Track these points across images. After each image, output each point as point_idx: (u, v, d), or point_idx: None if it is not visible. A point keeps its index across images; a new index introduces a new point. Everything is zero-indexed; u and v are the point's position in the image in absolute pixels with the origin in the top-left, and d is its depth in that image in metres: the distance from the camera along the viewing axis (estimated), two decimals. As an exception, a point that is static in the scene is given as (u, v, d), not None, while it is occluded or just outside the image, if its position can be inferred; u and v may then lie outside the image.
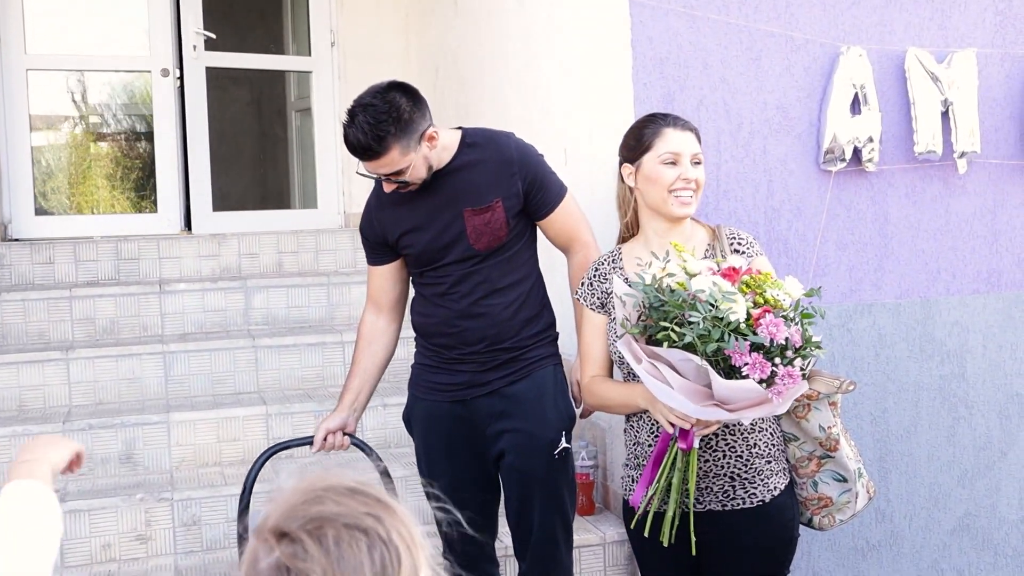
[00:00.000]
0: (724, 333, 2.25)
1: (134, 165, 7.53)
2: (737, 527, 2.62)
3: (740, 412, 2.36)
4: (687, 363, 2.32)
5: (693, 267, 2.38)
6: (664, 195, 2.63)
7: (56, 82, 6.71)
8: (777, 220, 3.57)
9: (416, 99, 2.77)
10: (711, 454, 2.60)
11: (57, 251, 4.68)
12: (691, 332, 2.26)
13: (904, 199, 3.71)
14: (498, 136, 2.95)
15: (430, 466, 2.99)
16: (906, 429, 3.76)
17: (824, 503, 2.70)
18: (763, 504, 2.62)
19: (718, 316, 2.26)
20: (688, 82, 3.49)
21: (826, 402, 2.62)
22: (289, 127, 7.09)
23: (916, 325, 3.75)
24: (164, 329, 4.50)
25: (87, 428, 3.83)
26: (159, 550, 3.60)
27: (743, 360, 2.25)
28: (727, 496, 2.62)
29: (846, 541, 3.69)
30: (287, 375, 4.34)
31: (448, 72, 5.61)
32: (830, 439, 2.64)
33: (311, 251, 5.01)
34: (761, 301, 2.32)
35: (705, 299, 2.28)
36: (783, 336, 2.26)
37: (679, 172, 2.63)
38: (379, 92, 2.74)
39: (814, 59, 3.58)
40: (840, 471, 2.67)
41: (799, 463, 2.69)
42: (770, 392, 2.28)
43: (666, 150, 2.64)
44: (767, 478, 2.63)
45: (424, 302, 2.99)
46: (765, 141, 3.56)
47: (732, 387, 2.29)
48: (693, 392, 2.36)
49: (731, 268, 2.38)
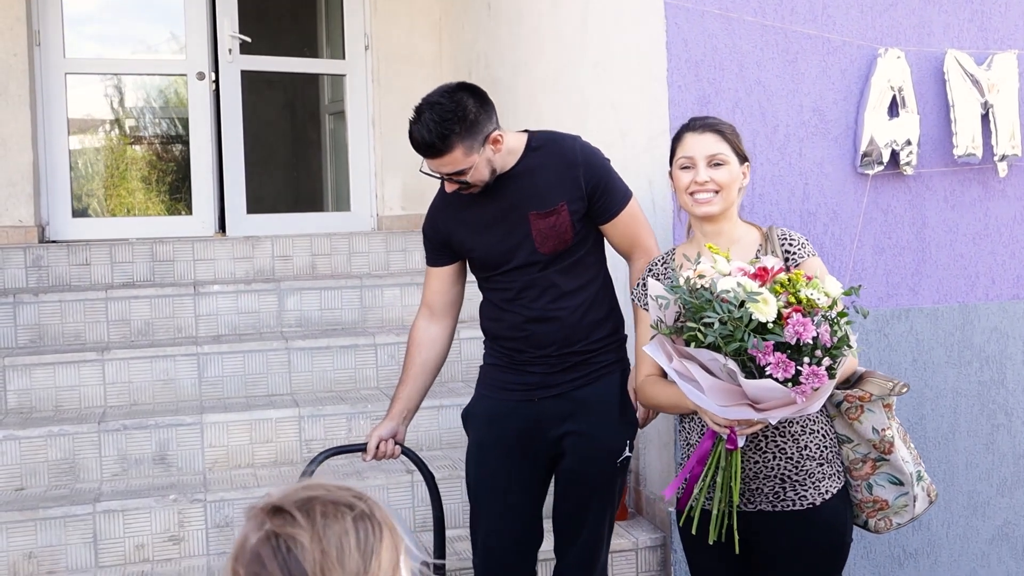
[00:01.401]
0: (745, 333, 2.23)
1: (169, 168, 7.58)
2: (787, 528, 2.59)
3: (769, 412, 2.34)
4: (715, 362, 2.32)
5: (723, 268, 2.37)
6: (685, 197, 2.67)
7: (93, 86, 6.76)
8: (813, 224, 3.53)
9: (483, 101, 2.76)
10: (760, 455, 2.58)
11: (93, 253, 4.71)
12: (712, 332, 2.25)
13: (942, 203, 3.66)
14: (563, 139, 2.92)
15: (479, 463, 2.96)
16: (944, 436, 3.70)
17: (880, 506, 2.67)
18: (814, 507, 2.59)
19: (738, 316, 2.24)
20: (723, 85, 3.46)
21: (880, 404, 2.60)
22: (323, 130, 7.11)
23: (955, 331, 3.69)
24: (198, 331, 4.52)
25: (121, 429, 3.84)
26: (192, 551, 3.60)
27: (767, 360, 2.24)
28: (777, 497, 2.59)
29: (883, 549, 3.64)
30: (320, 377, 4.34)
31: (481, 75, 5.60)
32: (884, 441, 2.61)
33: (344, 253, 5.02)
34: (794, 301, 2.29)
35: (730, 299, 2.26)
36: (810, 335, 2.23)
37: (692, 176, 2.64)
38: (447, 91, 2.74)
39: (851, 61, 3.54)
40: (896, 474, 2.64)
41: (853, 465, 2.66)
42: (794, 391, 2.26)
43: (682, 155, 2.68)
44: (819, 481, 2.60)
45: (492, 307, 2.97)
46: (801, 144, 3.52)
47: (757, 386, 2.28)
48: (726, 391, 2.35)
49: (762, 268, 2.36)
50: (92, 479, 3.81)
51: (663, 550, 3.60)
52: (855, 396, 2.60)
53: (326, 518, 1.14)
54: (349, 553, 1.12)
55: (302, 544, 1.12)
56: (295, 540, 1.12)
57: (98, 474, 3.82)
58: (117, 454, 3.84)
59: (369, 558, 1.13)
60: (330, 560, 1.11)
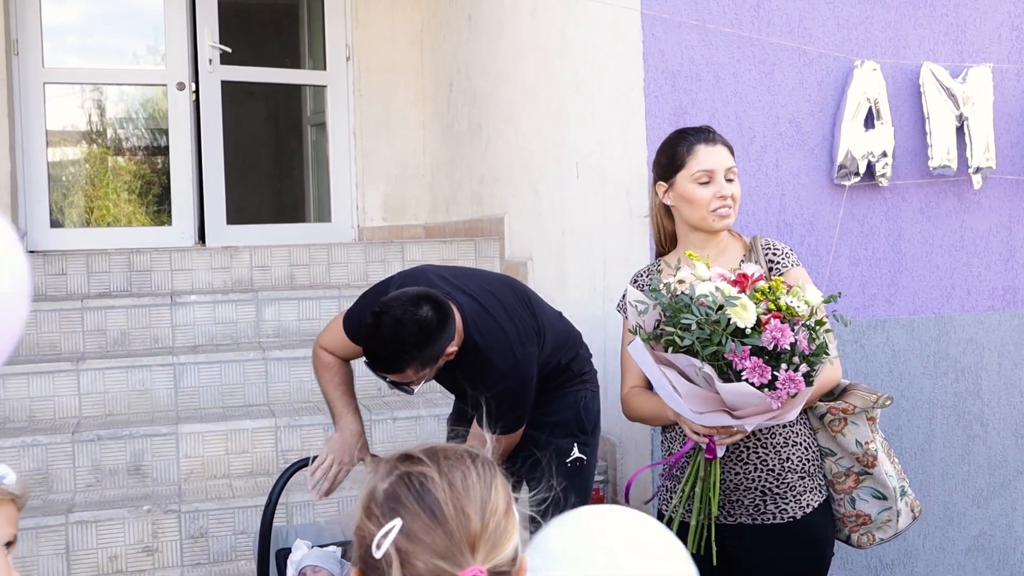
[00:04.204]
0: (722, 337, 2.23)
1: (149, 178, 7.55)
2: (766, 541, 2.57)
3: (746, 419, 2.33)
4: (693, 367, 2.31)
5: (702, 273, 2.37)
6: (703, 212, 2.62)
7: (73, 96, 6.75)
8: (790, 235, 3.54)
9: (444, 316, 2.64)
10: (742, 467, 2.56)
11: (70, 263, 4.68)
12: (690, 335, 2.25)
13: (918, 214, 3.68)
14: (501, 347, 2.80)
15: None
16: (920, 447, 3.71)
17: (862, 520, 2.65)
18: (794, 520, 2.57)
19: (715, 320, 2.24)
20: (700, 95, 3.47)
21: (863, 417, 2.58)
22: (304, 141, 7.11)
23: (930, 342, 3.70)
24: (175, 341, 4.49)
25: (96, 439, 3.81)
26: (166, 562, 3.57)
27: (743, 364, 2.23)
28: (757, 510, 2.58)
29: (860, 559, 3.64)
30: (297, 387, 4.32)
31: (462, 86, 5.61)
32: (867, 455, 2.59)
33: (323, 264, 5.00)
34: (773, 308, 2.30)
35: (708, 303, 2.26)
36: (788, 342, 2.22)
37: (715, 190, 2.61)
38: (410, 303, 2.62)
39: (827, 73, 3.56)
40: (879, 488, 2.62)
41: (836, 479, 2.64)
42: (769, 396, 2.25)
43: (699, 168, 2.62)
44: (800, 494, 2.58)
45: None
46: (778, 155, 3.53)
47: (732, 391, 2.27)
48: (703, 398, 2.34)
49: (741, 275, 2.35)
50: (65, 490, 3.78)
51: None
52: (839, 408, 2.58)
53: (449, 460, 1.32)
54: (473, 486, 1.29)
55: (433, 479, 1.29)
56: (426, 476, 1.29)
57: (72, 485, 3.79)
58: (91, 464, 3.81)
59: (488, 491, 1.30)
60: (457, 492, 1.28)
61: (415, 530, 1.25)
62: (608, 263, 3.79)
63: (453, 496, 1.28)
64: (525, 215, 4.77)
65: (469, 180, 5.56)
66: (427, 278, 2.86)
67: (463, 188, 5.68)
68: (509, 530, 1.29)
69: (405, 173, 6.36)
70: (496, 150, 5.11)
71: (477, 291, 2.84)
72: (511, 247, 4.96)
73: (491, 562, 1.25)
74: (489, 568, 1.24)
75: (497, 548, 1.26)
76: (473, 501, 1.28)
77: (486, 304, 2.82)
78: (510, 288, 2.97)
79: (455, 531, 1.25)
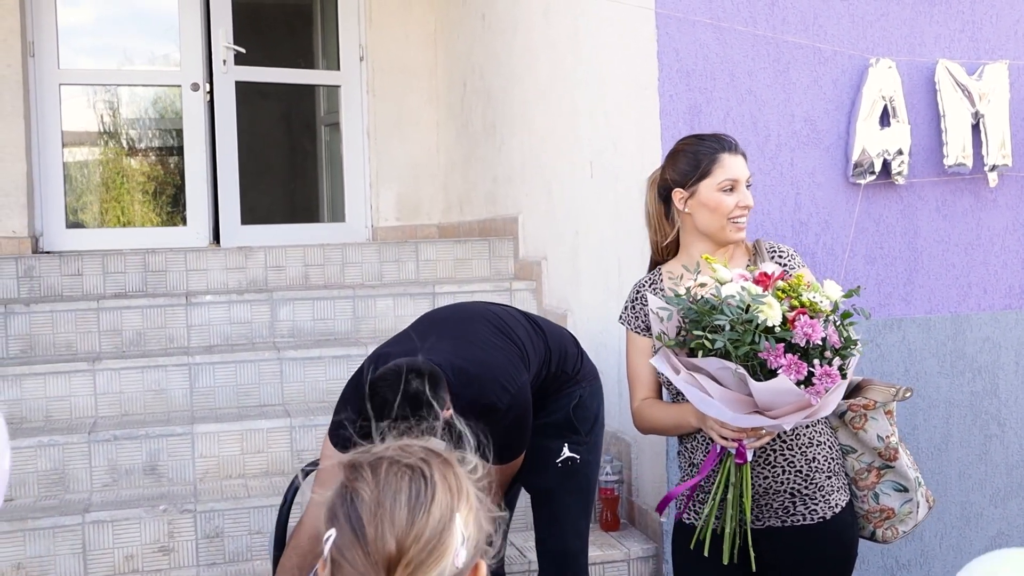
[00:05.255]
0: (755, 335, 2.23)
1: (164, 179, 7.59)
2: (796, 544, 2.56)
3: (782, 418, 2.32)
4: (724, 371, 2.29)
5: (724, 275, 2.36)
6: (723, 222, 2.61)
7: (88, 97, 6.78)
8: (805, 234, 3.53)
9: (435, 384, 2.59)
10: (770, 470, 2.55)
11: (86, 263, 4.71)
12: (721, 337, 2.24)
13: (934, 213, 3.67)
14: (494, 390, 2.77)
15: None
16: (937, 447, 3.70)
17: (886, 515, 2.65)
18: (824, 521, 2.56)
19: (747, 319, 2.24)
20: (715, 94, 3.47)
21: (882, 411, 2.59)
22: (318, 141, 7.13)
23: (947, 341, 3.69)
24: (190, 341, 4.51)
25: (112, 439, 3.84)
26: (182, 562, 3.59)
27: (778, 362, 2.22)
28: (787, 512, 2.56)
29: (876, 560, 3.63)
30: (312, 387, 4.33)
31: (476, 86, 5.62)
32: (889, 448, 2.59)
33: (337, 264, 5.01)
34: (797, 305, 2.30)
35: (736, 304, 2.26)
36: (819, 336, 2.23)
37: (737, 199, 2.61)
38: (397, 379, 2.56)
39: (843, 71, 3.55)
40: (901, 481, 2.63)
41: (858, 475, 2.64)
42: (807, 392, 2.24)
43: (725, 177, 2.61)
44: (828, 494, 2.58)
45: None
46: (793, 154, 3.53)
47: (770, 389, 2.25)
48: (734, 401, 2.33)
49: (763, 274, 2.35)
50: (82, 489, 3.80)
51: (655, 561, 3.59)
52: (859, 405, 2.58)
53: (387, 475, 1.33)
54: (401, 507, 1.30)
55: (363, 497, 1.31)
56: (357, 493, 1.32)
57: (88, 484, 3.81)
58: (107, 464, 3.83)
59: (417, 513, 1.30)
60: (383, 512, 1.29)
61: (342, 544, 1.30)
62: (623, 262, 3.79)
63: (378, 516, 1.29)
64: (539, 215, 4.77)
65: (483, 180, 5.57)
66: (402, 344, 2.83)
67: (477, 188, 5.69)
68: (438, 552, 1.29)
69: (419, 173, 6.37)
70: (510, 150, 5.12)
71: (450, 347, 2.78)
72: (525, 247, 4.97)
73: None
74: None
75: (419, 572, 1.27)
76: (396, 524, 1.29)
77: (463, 354, 2.77)
78: (482, 320, 2.93)
79: (372, 553, 1.28)
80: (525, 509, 3.41)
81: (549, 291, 4.65)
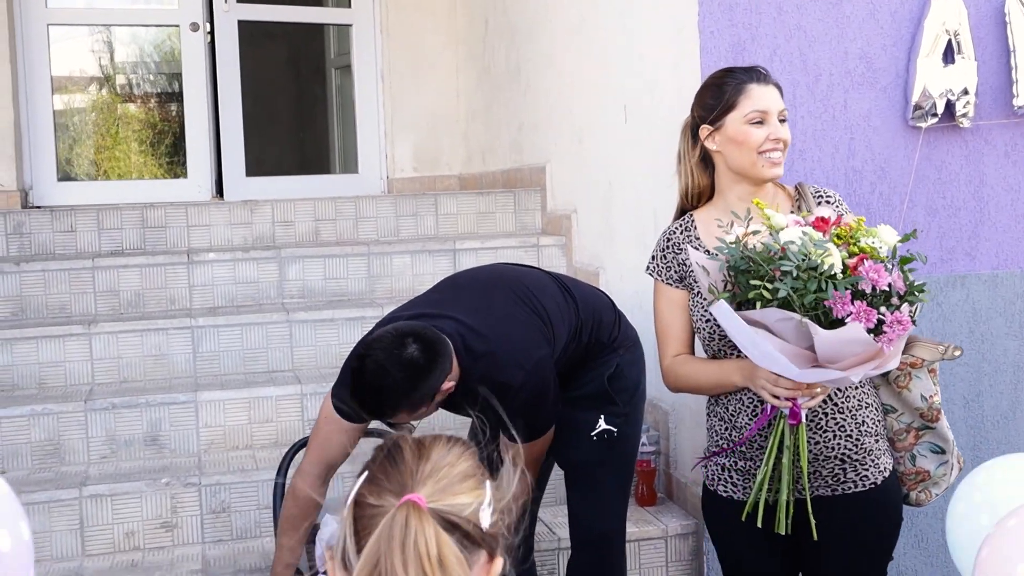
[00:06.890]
0: (821, 282, 2.22)
1: (163, 128, 7.59)
2: (845, 512, 2.57)
3: (850, 370, 2.32)
4: (786, 322, 2.29)
5: (779, 221, 2.35)
6: (753, 157, 2.58)
7: (80, 39, 6.77)
8: (859, 182, 3.49)
9: (433, 354, 2.60)
10: (820, 435, 2.55)
11: (79, 219, 4.71)
12: (784, 286, 2.23)
13: (1003, 158, 3.62)
14: (507, 365, 2.76)
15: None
16: (1003, 415, 3.67)
17: (922, 477, 2.68)
18: (875, 486, 2.59)
19: (811, 266, 2.23)
20: (760, 30, 3.41)
21: (925, 370, 2.60)
22: (328, 86, 7.10)
23: (1016, 299, 3.65)
24: (192, 302, 4.52)
25: (110, 408, 3.86)
26: (185, 538, 3.62)
27: (846, 310, 2.22)
28: (837, 480, 2.58)
29: (936, 537, 3.61)
30: (324, 352, 4.34)
31: (498, 24, 5.56)
32: (932, 409, 2.62)
33: (350, 219, 4.99)
34: (856, 251, 2.30)
35: (797, 250, 2.24)
36: (886, 282, 2.23)
37: (768, 132, 2.57)
38: (395, 346, 2.58)
39: (902, 2, 3.49)
40: (939, 442, 2.66)
41: (897, 436, 2.67)
42: (879, 340, 2.24)
43: (753, 108, 2.57)
44: (877, 458, 2.60)
45: None
46: (846, 95, 3.48)
47: (839, 339, 2.25)
48: (795, 356, 2.33)
49: (819, 219, 2.35)
50: (78, 461, 3.83)
51: (695, 538, 3.59)
52: (906, 363, 2.59)
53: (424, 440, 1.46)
54: (438, 448, 1.43)
55: (404, 444, 1.43)
56: (398, 443, 1.43)
57: (85, 456, 3.84)
58: (105, 435, 3.85)
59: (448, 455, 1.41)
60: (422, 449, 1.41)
61: (375, 474, 1.40)
62: (659, 216, 3.75)
63: (416, 452, 1.41)
64: (568, 164, 4.73)
65: (507, 127, 5.53)
66: (414, 308, 2.84)
67: (500, 136, 5.65)
68: (466, 488, 1.38)
69: (437, 120, 6.33)
70: (536, 94, 5.07)
71: (464, 316, 2.77)
72: (553, 199, 4.94)
73: (437, 502, 1.34)
74: (435, 507, 1.34)
75: (446, 493, 1.36)
76: (431, 458, 1.40)
77: (477, 326, 2.76)
78: (505, 288, 2.91)
79: (405, 472, 1.38)
80: (556, 483, 3.41)
81: (580, 247, 4.63)
